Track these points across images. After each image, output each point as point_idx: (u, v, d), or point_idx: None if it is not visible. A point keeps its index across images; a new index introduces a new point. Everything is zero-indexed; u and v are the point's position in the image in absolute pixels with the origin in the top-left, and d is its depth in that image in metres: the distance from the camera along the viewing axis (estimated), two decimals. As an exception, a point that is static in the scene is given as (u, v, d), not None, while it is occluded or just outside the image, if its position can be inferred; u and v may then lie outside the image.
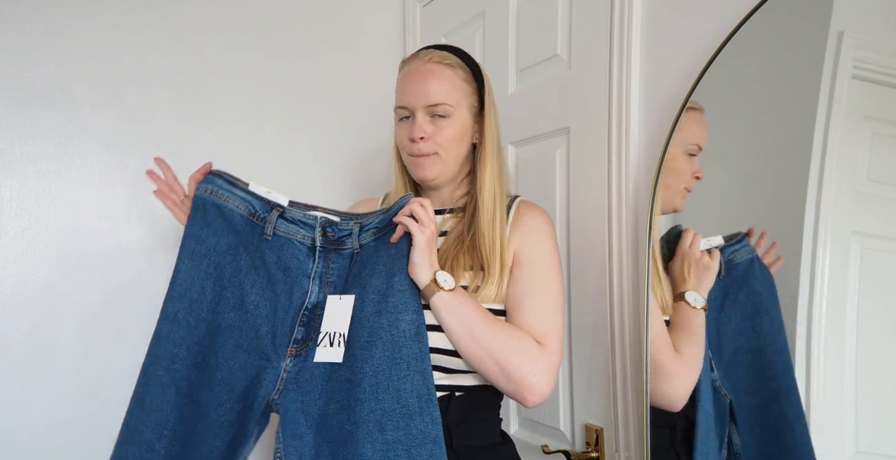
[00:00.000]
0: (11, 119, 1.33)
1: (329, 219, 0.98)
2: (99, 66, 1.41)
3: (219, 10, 1.57)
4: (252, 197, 0.98)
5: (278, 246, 0.97)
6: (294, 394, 0.92)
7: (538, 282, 0.98)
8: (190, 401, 0.92)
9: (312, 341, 0.94)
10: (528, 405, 0.91)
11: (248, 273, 0.94)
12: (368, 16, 1.80)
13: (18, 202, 1.34)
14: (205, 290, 0.93)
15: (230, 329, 0.93)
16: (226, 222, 0.96)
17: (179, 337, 0.92)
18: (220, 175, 0.99)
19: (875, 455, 0.80)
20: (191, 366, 0.92)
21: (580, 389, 1.24)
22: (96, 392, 1.38)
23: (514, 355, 0.90)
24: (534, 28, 1.39)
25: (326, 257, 0.98)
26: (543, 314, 0.96)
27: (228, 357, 0.93)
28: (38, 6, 1.36)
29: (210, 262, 0.94)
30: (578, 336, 1.24)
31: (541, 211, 1.06)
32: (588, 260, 1.22)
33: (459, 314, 0.91)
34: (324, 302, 0.96)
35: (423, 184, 1.09)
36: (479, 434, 0.99)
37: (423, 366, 0.89)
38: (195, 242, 0.94)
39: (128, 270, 1.43)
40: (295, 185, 1.66)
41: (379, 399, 0.87)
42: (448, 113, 1.01)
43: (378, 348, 0.90)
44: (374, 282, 0.93)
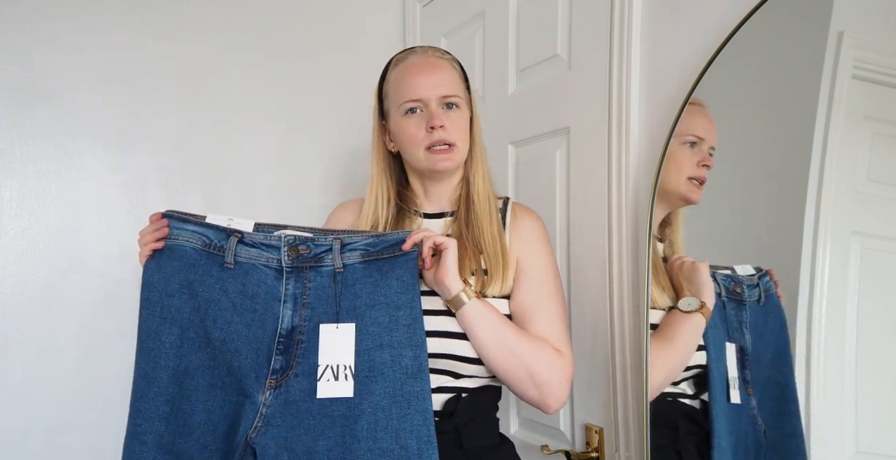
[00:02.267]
0: (11, 119, 1.34)
1: (300, 236, 0.93)
2: (99, 66, 1.41)
3: (219, 11, 1.57)
4: (206, 228, 0.92)
5: (241, 273, 0.91)
6: (276, 431, 0.87)
7: (546, 293, 1.00)
8: (168, 453, 0.87)
9: (293, 370, 0.89)
10: (550, 411, 0.95)
11: (207, 309, 0.89)
12: (368, 16, 1.80)
13: (18, 202, 1.34)
14: (160, 337, 0.89)
15: (200, 369, 0.89)
16: (176, 261, 0.90)
17: (140, 390, 0.88)
18: (169, 215, 0.92)
19: (875, 455, 0.80)
20: (158, 419, 0.87)
21: (580, 389, 1.24)
22: (96, 391, 1.38)
23: (544, 364, 0.93)
24: (534, 28, 1.39)
25: (301, 277, 0.92)
26: (555, 323, 0.98)
27: (204, 398, 0.88)
28: (38, 6, 1.36)
29: (163, 307, 0.89)
30: (579, 336, 1.24)
31: (536, 215, 1.08)
32: (588, 260, 1.22)
33: (492, 322, 0.92)
34: (301, 325, 0.90)
35: (430, 179, 1.06)
36: (484, 434, 0.99)
37: (425, 406, 0.86)
38: (147, 290, 0.90)
39: (128, 270, 1.42)
40: (295, 185, 1.66)
41: (377, 437, 0.84)
42: (458, 103, 1.02)
43: (378, 384, 0.86)
44: (374, 314, 0.90)
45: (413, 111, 1.01)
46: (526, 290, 0.99)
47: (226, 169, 1.56)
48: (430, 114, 0.99)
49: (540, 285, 1.00)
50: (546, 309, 0.98)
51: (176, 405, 0.88)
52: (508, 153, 1.46)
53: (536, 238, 1.04)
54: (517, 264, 1.01)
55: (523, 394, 0.95)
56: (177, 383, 0.88)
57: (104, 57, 1.42)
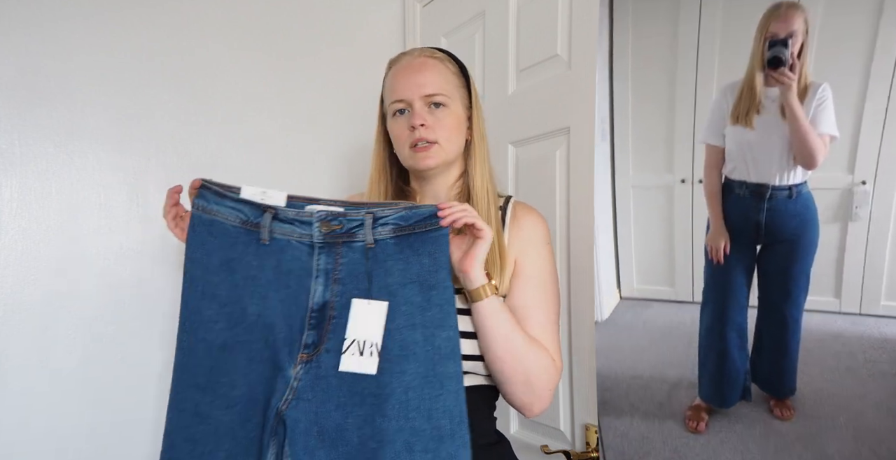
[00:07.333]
0: (11, 119, 1.33)
1: (332, 211, 0.92)
2: (99, 66, 1.41)
3: (219, 11, 1.57)
4: (242, 204, 0.93)
5: (278, 249, 0.92)
6: (306, 405, 0.87)
7: (543, 296, 1.00)
8: (204, 422, 0.90)
9: (324, 345, 0.90)
10: (531, 415, 0.96)
11: (245, 286, 0.92)
12: (368, 15, 1.80)
13: (18, 202, 1.34)
14: (200, 311, 0.91)
15: (239, 344, 0.91)
16: (218, 238, 0.93)
17: (179, 361, 0.91)
18: (208, 187, 0.95)
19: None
20: (195, 388, 0.90)
21: (580, 389, 1.24)
22: (96, 391, 1.38)
23: (542, 371, 0.94)
24: (534, 28, 1.39)
25: (333, 252, 0.91)
26: (549, 328, 0.99)
27: (245, 372, 0.90)
28: (38, 6, 1.36)
29: (205, 283, 0.92)
30: (579, 336, 1.24)
31: (539, 215, 1.07)
32: (588, 260, 1.22)
33: (503, 320, 0.92)
34: (332, 301, 0.90)
35: (420, 178, 1.08)
36: (479, 432, 0.99)
37: (458, 387, 0.86)
38: (190, 265, 0.93)
39: (128, 270, 1.43)
40: (295, 184, 1.65)
41: (409, 417, 0.84)
42: (445, 102, 1.02)
43: (411, 363, 0.86)
44: (406, 293, 0.89)
45: (401, 112, 1.03)
46: (522, 292, 0.99)
47: (226, 169, 1.56)
48: (413, 113, 1.01)
49: (537, 288, 1.00)
50: (541, 314, 0.99)
51: (213, 377, 0.90)
52: (508, 153, 1.45)
53: (537, 238, 1.03)
54: (515, 264, 1.01)
55: (512, 396, 0.96)
56: (214, 356, 0.91)
57: (104, 57, 1.42)
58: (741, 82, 1.09)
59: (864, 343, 0.99)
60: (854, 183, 1.02)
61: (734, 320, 1.15)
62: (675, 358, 1.19)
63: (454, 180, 1.08)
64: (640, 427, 1.16)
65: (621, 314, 1.27)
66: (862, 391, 0.97)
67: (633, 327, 1.26)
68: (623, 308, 1.28)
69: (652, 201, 1.27)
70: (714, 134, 1.16)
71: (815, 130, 1.02)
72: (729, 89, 1.12)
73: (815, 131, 1.02)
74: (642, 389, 1.19)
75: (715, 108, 1.16)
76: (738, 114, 1.10)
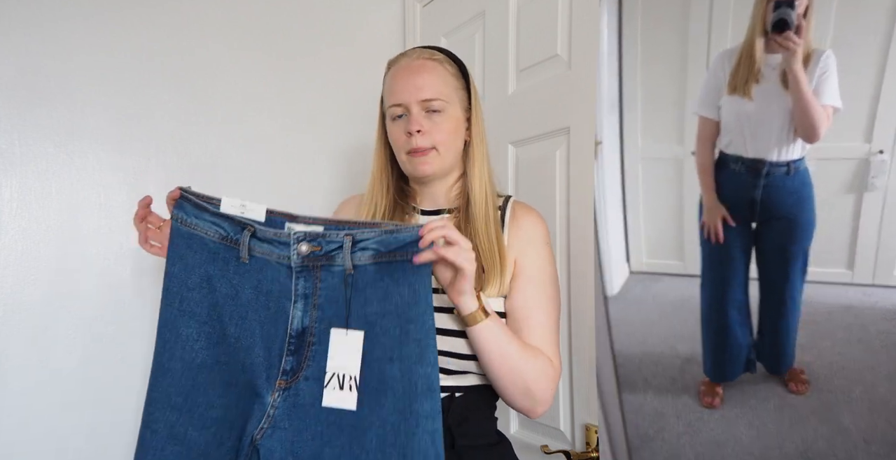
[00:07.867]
0: (11, 119, 1.33)
1: (311, 232, 0.88)
2: (99, 66, 1.41)
3: (219, 11, 1.57)
4: (221, 219, 0.90)
5: (257, 268, 0.89)
6: (282, 433, 0.85)
7: (542, 297, 1.00)
8: (179, 443, 0.88)
9: (303, 372, 0.87)
10: (534, 416, 0.96)
11: (224, 304, 0.89)
12: (368, 15, 1.80)
13: (18, 202, 1.34)
14: (178, 329, 0.89)
15: (217, 365, 0.89)
16: (197, 253, 0.90)
17: (154, 379, 0.89)
18: (188, 199, 0.91)
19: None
20: (170, 409, 0.88)
21: (580, 389, 1.24)
22: (96, 391, 1.38)
23: (542, 379, 0.94)
24: (534, 28, 1.39)
25: (312, 276, 0.88)
26: (549, 329, 0.99)
27: (221, 393, 0.88)
28: (38, 6, 1.36)
29: (182, 299, 0.89)
30: (579, 336, 1.24)
31: (538, 215, 1.07)
32: (588, 261, 1.22)
33: (500, 340, 0.92)
34: (311, 327, 0.87)
35: (418, 182, 1.08)
36: (478, 433, 0.99)
37: (434, 427, 0.83)
38: (168, 281, 0.90)
39: (128, 270, 1.43)
40: (295, 184, 1.66)
41: (386, 453, 0.82)
42: (442, 108, 1.01)
43: (388, 398, 0.84)
44: (384, 324, 0.85)
45: (400, 117, 1.03)
46: (522, 292, 0.99)
47: (226, 169, 1.56)
48: (410, 119, 1.01)
49: (537, 288, 1.00)
50: (541, 314, 0.99)
51: (190, 397, 0.88)
52: (508, 153, 1.45)
53: (536, 238, 1.03)
54: (515, 264, 1.01)
55: (513, 403, 0.96)
56: (191, 376, 0.88)
57: (104, 57, 1.42)
58: (739, 48, 1.01)
59: (877, 314, 0.96)
60: (871, 152, 0.95)
61: (734, 298, 1.11)
62: (686, 332, 1.15)
63: (453, 182, 1.08)
64: (654, 402, 1.14)
65: (630, 288, 1.24)
66: (874, 362, 0.95)
67: (643, 301, 1.23)
68: (632, 282, 1.25)
69: (661, 174, 1.22)
70: (708, 105, 1.09)
71: (818, 101, 0.95)
72: (726, 56, 1.04)
73: (818, 102, 0.95)
74: (654, 364, 1.16)
75: (710, 76, 1.08)
76: (735, 83, 1.03)
